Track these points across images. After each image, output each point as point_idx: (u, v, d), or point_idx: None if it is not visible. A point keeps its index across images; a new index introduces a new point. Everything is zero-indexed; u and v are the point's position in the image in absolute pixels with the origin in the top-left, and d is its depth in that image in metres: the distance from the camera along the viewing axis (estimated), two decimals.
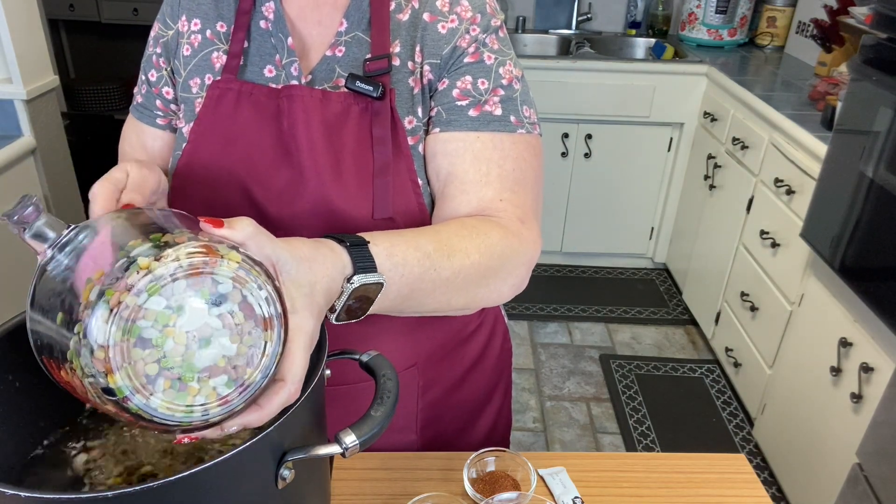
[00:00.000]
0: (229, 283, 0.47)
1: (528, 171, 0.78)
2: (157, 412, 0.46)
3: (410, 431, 0.94)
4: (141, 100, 0.87)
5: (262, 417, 0.52)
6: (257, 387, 0.50)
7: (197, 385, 0.47)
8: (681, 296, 2.98)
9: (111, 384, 0.44)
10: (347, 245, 0.61)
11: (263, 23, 0.79)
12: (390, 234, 0.67)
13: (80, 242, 0.50)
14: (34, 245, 0.51)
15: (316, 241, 0.60)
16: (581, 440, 2.28)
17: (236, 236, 0.50)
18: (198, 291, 0.46)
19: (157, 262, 0.45)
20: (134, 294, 0.44)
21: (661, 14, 3.20)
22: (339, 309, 0.61)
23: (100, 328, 0.44)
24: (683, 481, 0.87)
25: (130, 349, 0.44)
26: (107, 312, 0.44)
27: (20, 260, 1.94)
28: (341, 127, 0.76)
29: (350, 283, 0.60)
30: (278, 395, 0.52)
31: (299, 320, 0.53)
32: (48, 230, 0.51)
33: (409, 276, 0.65)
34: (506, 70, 0.78)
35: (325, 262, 0.58)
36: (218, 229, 0.50)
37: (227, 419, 0.50)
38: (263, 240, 0.52)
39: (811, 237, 1.82)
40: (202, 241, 0.47)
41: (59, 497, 0.46)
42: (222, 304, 0.47)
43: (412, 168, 0.78)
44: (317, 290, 0.56)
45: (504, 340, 1.02)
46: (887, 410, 1.46)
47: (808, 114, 2.12)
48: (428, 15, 0.78)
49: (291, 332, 0.52)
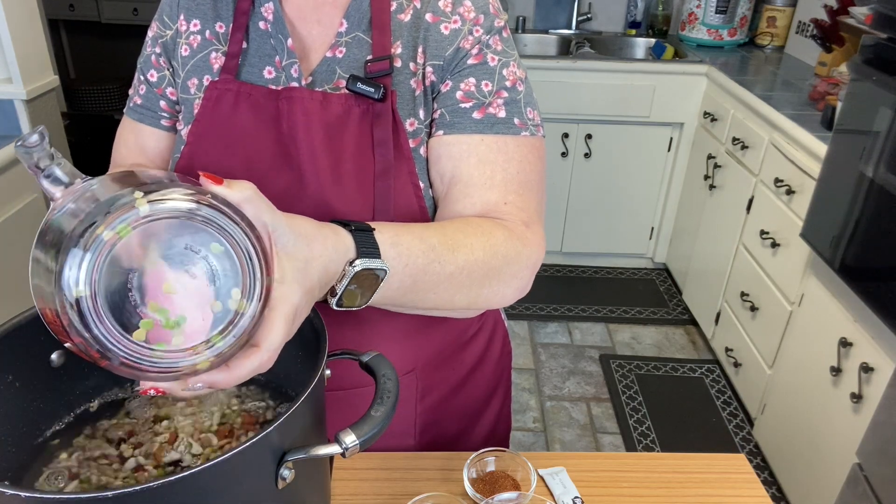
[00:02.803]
0: (211, 232, 0.48)
1: (531, 174, 0.78)
2: (124, 351, 0.47)
3: (408, 436, 0.93)
4: (140, 101, 0.85)
5: (230, 380, 0.51)
6: (227, 345, 0.50)
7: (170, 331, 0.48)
8: (681, 296, 2.98)
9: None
10: (352, 229, 0.61)
11: (262, 24, 0.79)
12: (396, 225, 0.67)
13: (88, 189, 0.50)
14: (48, 189, 0.51)
15: (320, 223, 0.60)
16: (581, 440, 2.28)
17: (233, 196, 0.50)
18: (179, 236, 0.47)
19: (141, 201, 0.45)
20: (110, 229, 0.45)
21: (661, 14, 3.20)
22: (339, 292, 0.61)
23: (77, 262, 0.44)
24: (683, 481, 0.87)
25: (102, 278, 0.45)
26: (81, 252, 0.44)
27: (20, 260, 1.94)
28: (342, 129, 0.75)
29: (352, 267, 0.60)
30: (249, 360, 0.52)
31: (286, 290, 0.53)
32: (60, 173, 0.51)
33: (412, 266, 0.65)
34: (509, 71, 0.78)
35: (325, 242, 0.58)
36: (216, 185, 0.50)
37: (192, 374, 0.50)
38: (262, 206, 0.52)
39: (811, 237, 1.82)
40: (192, 190, 0.48)
41: (60, 497, 0.46)
42: (199, 252, 0.48)
43: (413, 171, 0.77)
44: (312, 267, 0.56)
45: (504, 344, 1.01)
46: (887, 410, 1.46)
47: (808, 114, 2.12)
48: (430, 15, 0.77)
49: (275, 301, 0.52)
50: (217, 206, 0.48)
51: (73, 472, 0.63)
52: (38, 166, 0.49)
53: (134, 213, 0.45)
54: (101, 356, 0.46)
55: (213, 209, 0.48)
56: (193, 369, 0.49)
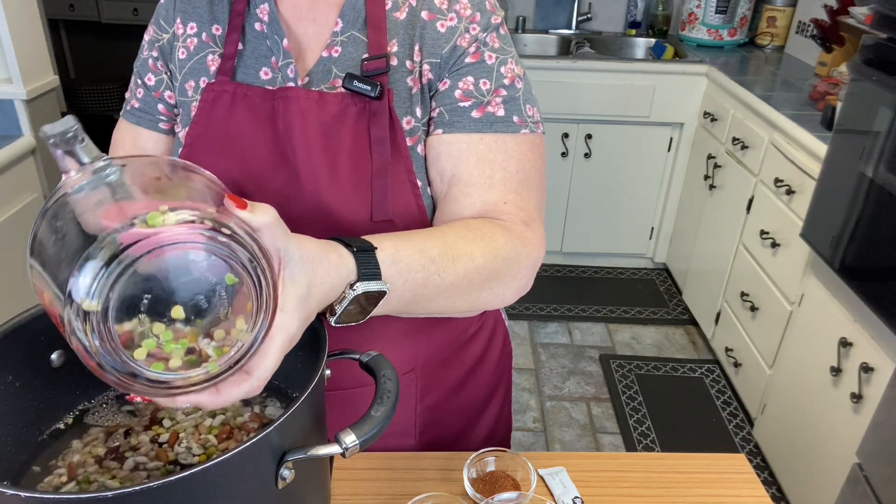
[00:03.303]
0: (228, 262, 0.48)
1: (531, 172, 0.78)
2: (119, 365, 0.46)
3: (408, 436, 0.93)
4: (138, 104, 0.85)
5: (216, 403, 0.52)
6: (221, 370, 0.50)
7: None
8: (681, 296, 2.98)
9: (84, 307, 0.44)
10: (354, 251, 0.61)
11: (258, 25, 0.79)
12: (397, 237, 0.66)
13: (104, 178, 0.49)
14: (63, 163, 0.50)
15: (325, 243, 0.60)
16: (581, 440, 2.28)
17: (255, 221, 0.50)
18: (196, 262, 0.47)
19: (162, 221, 0.45)
20: (130, 248, 0.44)
21: (661, 14, 3.20)
22: (339, 313, 0.61)
23: (90, 276, 0.44)
24: (683, 481, 0.87)
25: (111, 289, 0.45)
26: (99, 266, 0.44)
27: (20, 260, 1.94)
28: (338, 128, 0.75)
29: (353, 290, 0.60)
30: (239, 388, 0.52)
31: (286, 319, 0.53)
32: (81, 152, 0.50)
33: (412, 282, 0.65)
34: (507, 69, 0.78)
35: (328, 268, 0.58)
36: (239, 210, 0.50)
37: (182, 392, 0.50)
38: (278, 232, 0.52)
39: (811, 237, 1.82)
40: (215, 213, 0.47)
41: (60, 497, 0.46)
42: (212, 280, 0.48)
43: (411, 169, 0.77)
44: (312, 294, 0.56)
45: (504, 344, 1.01)
46: (887, 410, 1.46)
47: (808, 114, 2.12)
48: (426, 13, 0.77)
49: (274, 329, 0.52)
50: (237, 236, 0.48)
51: (73, 472, 0.63)
52: (61, 145, 0.49)
53: (155, 235, 0.45)
54: (96, 365, 0.46)
55: (233, 240, 0.47)
56: (184, 388, 0.49)
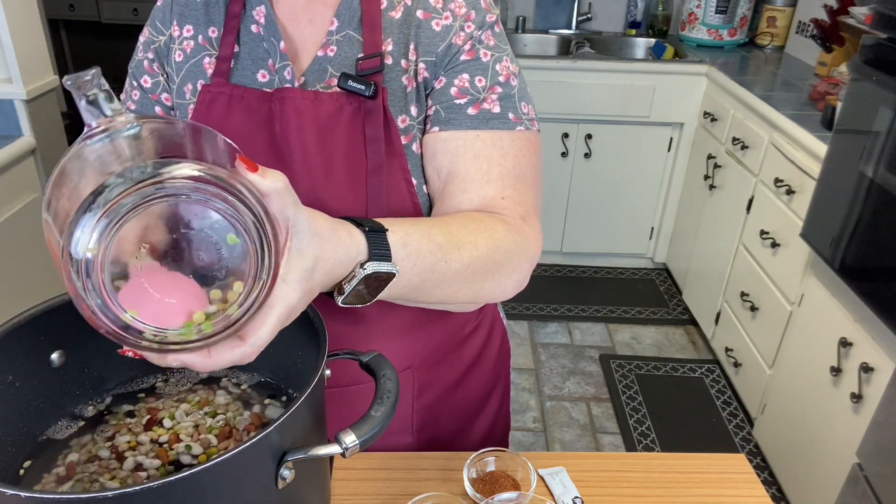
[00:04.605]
0: (231, 223, 0.47)
1: (527, 168, 0.78)
2: (114, 316, 0.46)
3: (406, 434, 0.93)
4: (134, 107, 0.85)
5: (206, 365, 0.51)
6: (215, 331, 0.50)
7: None
8: (681, 296, 2.98)
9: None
10: (366, 230, 0.62)
11: (255, 27, 0.79)
12: (404, 222, 0.67)
13: (122, 133, 0.49)
14: (86, 115, 0.50)
15: (336, 220, 0.60)
16: (581, 440, 2.28)
17: (263, 185, 0.50)
18: (199, 219, 0.47)
19: (171, 176, 0.45)
20: (134, 196, 0.44)
21: (661, 14, 3.20)
22: (347, 292, 0.61)
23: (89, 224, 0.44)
24: (683, 481, 0.87)
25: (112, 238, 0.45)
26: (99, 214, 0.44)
27: (20, 260, 1.94)
28: (333, 127, 0.75)
29: (363, 269, 0.60)
30: (232, 352, 0.52)
31: (287, 290, 0.53)
32: (104, 103, 0.49)
33: (420, 266, 0.66)
34: (502, 66, 0.78)
35: (338, 245, 0.58)
36: (250, 173, 0.49)
37: (172, 350, 0.49)
38: (288, 201, 0.52)
39: (811, 237, 1.82)
40: (225, 173, 0.47)
41: (59, 497, 0.46)
42: (213, 239, 0.48)
43: (406, 167, 0.78)
44: (318, 269, 0.56)
45: (502, 342, 1.01)
46: (887, 410, 1.46)
47: (808, 114, 2.12)
48: (421, 12, 0.77)
49: (273, 298, 0.52)
50: (244, 197, 0.47)
51: (73, 472, 0.63)
52: (83, 88, 0.48)
53: (162, 188, 0.44)
54: (90, 312, 0.46)
55: (239, 200, 0.47)
56: (178, 345, 0.49)
